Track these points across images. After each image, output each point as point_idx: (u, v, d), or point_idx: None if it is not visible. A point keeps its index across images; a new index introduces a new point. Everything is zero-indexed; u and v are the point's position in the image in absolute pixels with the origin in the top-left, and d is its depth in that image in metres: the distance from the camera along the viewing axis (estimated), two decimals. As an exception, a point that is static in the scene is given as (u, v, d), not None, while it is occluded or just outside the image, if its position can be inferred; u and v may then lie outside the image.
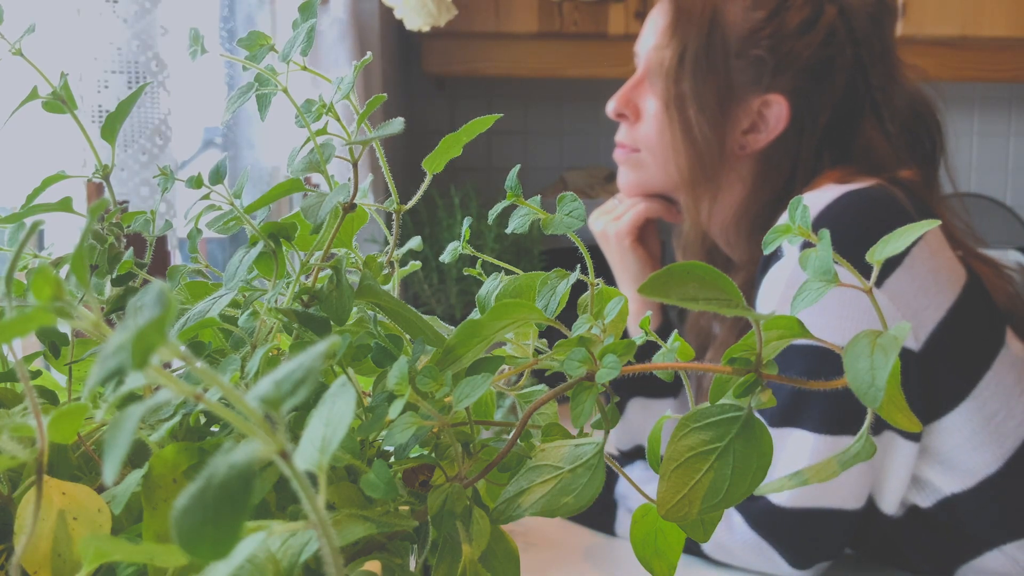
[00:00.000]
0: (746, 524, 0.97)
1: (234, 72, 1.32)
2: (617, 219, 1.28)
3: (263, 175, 1.36)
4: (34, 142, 0.89)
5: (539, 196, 0.47)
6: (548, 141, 2.48)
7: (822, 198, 1.01)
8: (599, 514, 1.10)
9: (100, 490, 0.39)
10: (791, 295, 0.43)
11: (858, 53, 1.12)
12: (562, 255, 1.93)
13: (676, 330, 0.47)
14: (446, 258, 0.52)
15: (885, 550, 1.05)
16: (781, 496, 0.96)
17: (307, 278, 0.48)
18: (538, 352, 0.50)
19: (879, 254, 0.38)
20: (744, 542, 0.97)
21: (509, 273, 0.50)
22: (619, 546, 1.08)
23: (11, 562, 0.35)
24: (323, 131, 0.47)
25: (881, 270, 0.59)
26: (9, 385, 0.49)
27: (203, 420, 0.45)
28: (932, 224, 0.37)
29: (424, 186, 0.49)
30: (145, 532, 0.37)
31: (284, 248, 0.48)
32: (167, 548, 0.32)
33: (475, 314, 0.46)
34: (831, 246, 0.38)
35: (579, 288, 0.47)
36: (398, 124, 0.44)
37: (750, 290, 1.09)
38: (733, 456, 0.38)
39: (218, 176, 0.49)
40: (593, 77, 2.10)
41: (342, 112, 0.48)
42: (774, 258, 1.02)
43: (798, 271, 0.96)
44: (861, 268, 0.39)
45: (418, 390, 0.41)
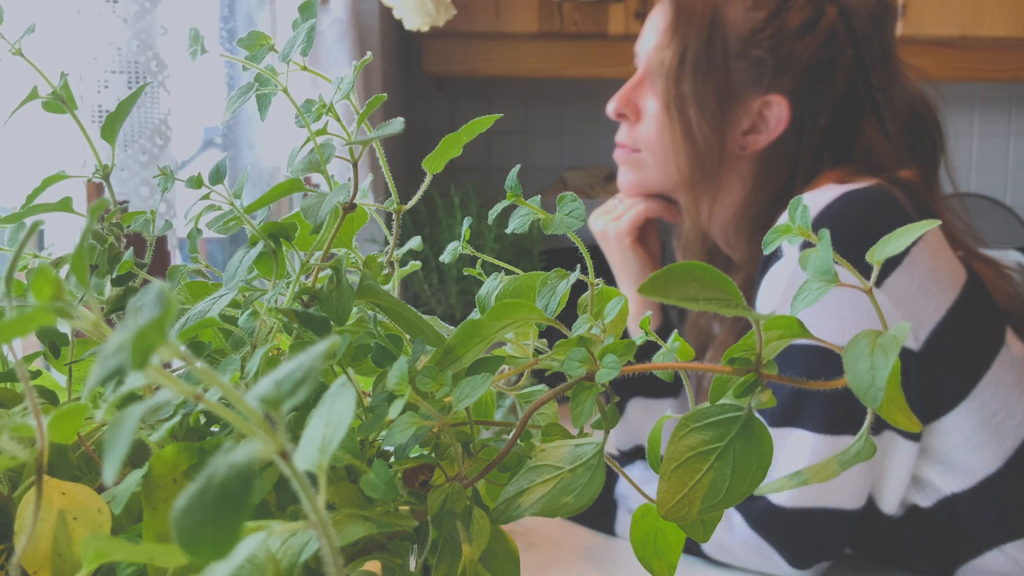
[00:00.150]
0: (746, 524, 0.97)
1: (234, 72, 1.32)
2: (617, 219, 1.28)
3: (263, 175, 1.36)
4: (34, 142, 0.89)
5: (539, 196, 0.47)
6: (548, 141, 2.48)
7: (822, 198, 1.01)
8: (599, 514, 1.10)
9: (100, 490, 0.39)
10: (791, 295, 0.43)
11: (858, 54, 1.12)
12: (562, 255, 1.93)
13: (676, 330, 0.47)
14: (446, 258, 0.52)
15: (885, 550, 1.05)
16: (781, 496, 0.96)
17: (307, 278, 0.48)
18: (538, 352, 0.50)
19: (879, 254, 0.38)
20: (744, 542, 0.97)
21: (509, 273, 0.50)
22: (619, 546, 1.08)
23: (11, 562, 0.35)
24: (323, 131, 0.47)
25: (881, 270, 0.59)
26: (9, 385, 0.49)
27: (203, 420, 0.45)
28: (932, 224, 0.37)
29: (424, 186, 0.49)
30: (145, 532, 0.37)
31: (284, 248, 0.48)
32: (167, 548, 0.32)
33: (475, 314, 0.46)
34: (831, 246, 0.38)
35: (579, 288, 0.47)
36: (398, 124, 0.44)
37: (750, 290, 1.09)
38: (733, 456, 0.38)
39: (218, 176, 0.49)
40: (593, 77, 2.10)
41: (342, 112, 0.48)
42: (774, 258, 1.02)
43: (798, 271, 0.96)
44: (861, 268, 0.39)
45: (418, 390, 0.41)
